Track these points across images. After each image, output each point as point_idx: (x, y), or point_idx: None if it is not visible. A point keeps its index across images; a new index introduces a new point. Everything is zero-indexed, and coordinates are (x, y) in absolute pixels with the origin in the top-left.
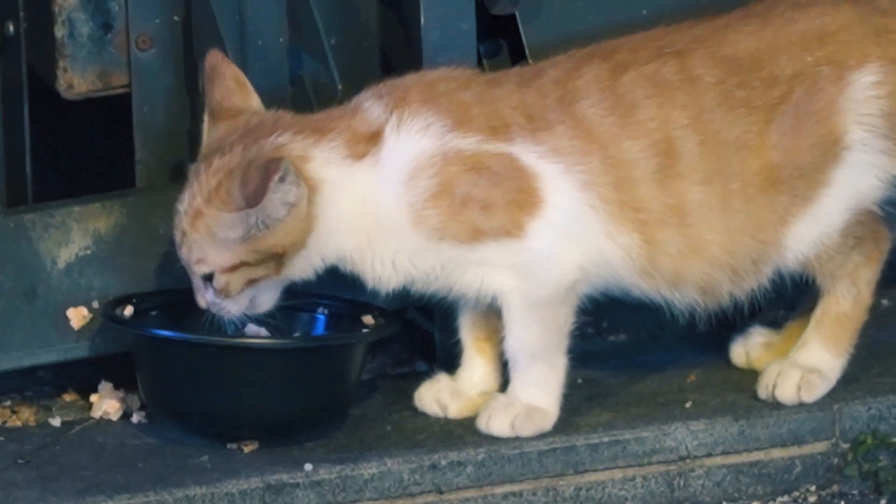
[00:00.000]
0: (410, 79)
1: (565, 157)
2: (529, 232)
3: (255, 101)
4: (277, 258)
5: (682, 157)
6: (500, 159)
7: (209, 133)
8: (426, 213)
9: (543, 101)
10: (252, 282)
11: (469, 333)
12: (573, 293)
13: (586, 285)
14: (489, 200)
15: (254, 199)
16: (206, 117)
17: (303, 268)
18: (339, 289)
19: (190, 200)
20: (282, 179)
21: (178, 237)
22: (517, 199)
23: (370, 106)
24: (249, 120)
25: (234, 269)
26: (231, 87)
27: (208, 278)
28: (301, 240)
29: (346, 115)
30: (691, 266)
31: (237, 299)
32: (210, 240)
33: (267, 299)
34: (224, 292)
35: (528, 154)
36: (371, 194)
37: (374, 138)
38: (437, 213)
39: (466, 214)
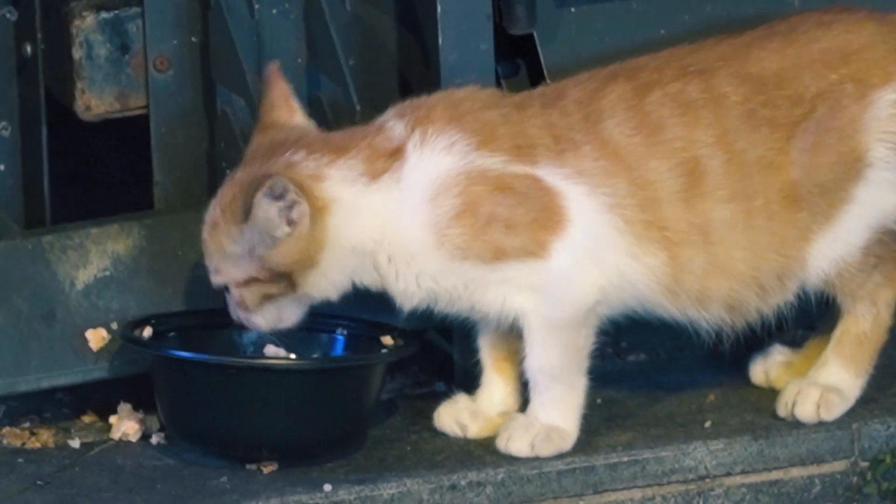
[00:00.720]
0: (436, 97)
1: (590, 178)
2: (552, 252)
3: (297, 118)
4: (287, 277)
5: (707, 176)
6: (525, 180)
7: (250, 143)
8: (450, 231)
9: (568, 120)
10: (268, 297)
11: (488, 354)
12: (593, 315)
13: (606, 307)
14: (513, 220)
15: (243, 214)
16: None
17: (322, 286)
18: (358, 310)
19: (212, 210)
20: (275, 197)
21: (202, 244)
22: (540, 219)
23: (393, 124)
24: (276, 135)
25: (246, 283)
26: (275, 101)
27: (226, 289)
28: (309, 258)
29: (368, 135)
30: (717, 284)
31: (263, 313)
32: (222, 251)
33: (290, 315)
34: (242, 305)
35: (552, 176)
36: (391, 212)
37: (394, 155)
38: (461, 232)
39: (490, 234)
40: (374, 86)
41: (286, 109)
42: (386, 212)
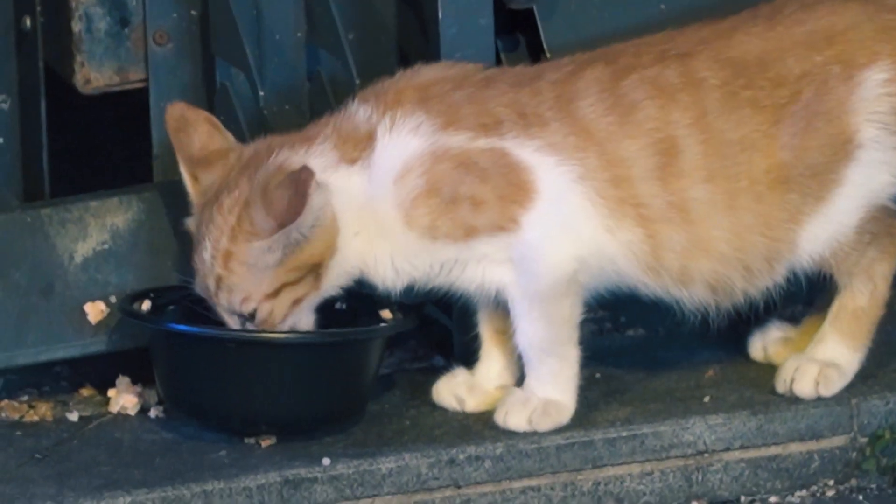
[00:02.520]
0: (403, 79)
1: (559, 151)
2: (523, 225)
3: (231, 137)
4: (315, 270)
5: (683, 155)
6: (490, 155)
7: (196, 181)
8: (416, 212)
9: (537, 99)
10: (296, 302)
11: (486, 327)
12: (575, 285)
13: (588, 277)
14: (479, 196)
15: (291, 214)
16: (184, 169)
17: (338, 275)
18: (356, 284)
19: (214, 246)
20: (316, 185)
21: (211, 287)
22: (509, 194)
23: (357, 110)
24: (242, 153)
25: (276, 293)
26: (209, 130)
27: (251, 316)
28: (333, 244)
29: (330, 122)
30: (698, 263)
31: (286, 325)
32: (247, 274)
33: (306, 321)
34: (269, 322)
35: (520, 148)
36: (366, 196)
37: (364, 141)
38: (427, 211)
39: (457, 212)
40: (374, 60)
41: (220, 134)
42: (362, 195)
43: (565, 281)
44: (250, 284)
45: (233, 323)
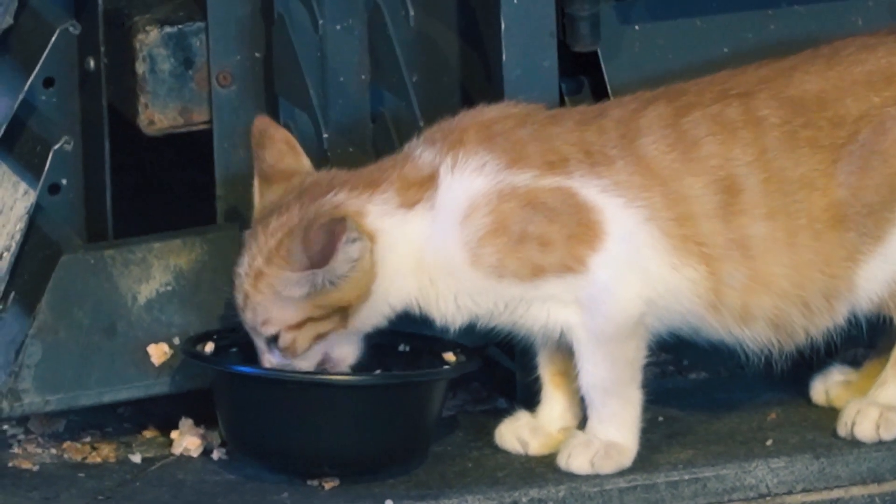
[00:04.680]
0: (467, 118)
1: (626, 191)
2: (591, 266)
3: (305, 162)
4: (343, 311)
5: (744, 193)
6: (558, 194)
7: (262, 195)
8: (482, 251)
9: (603, 138)
10: (320, 337)
11: (547, 369)
12: (641, 327)
13: (655, 319)
14: (547, 236)
15: (321, 259)
16: (256, 181)
17: (371, 317)
18: (419, 326)
19: (250, 262)
20: (349, 239)
21: (240, 301)
22: (577, 234)
23: (422, 152)
24: (304, 180)
25: (300, 325)
26: (282, 149)
27: (274, 339)
28: (365, 291)
29: (396, 165)
30: (759, 299)
31: (307, 356)
32: (274, 299)
33: (345, 353)
34: (291, 350)
35: (587, 188)
36: (428, 237)
37: (427, 183)
38: (494, 250)
39: (524, 251)
40: (438, 101)
41: (295, 156)
42: (423, 237)
43: (633, 322)
44: (274, 310)
45: (258, 343)
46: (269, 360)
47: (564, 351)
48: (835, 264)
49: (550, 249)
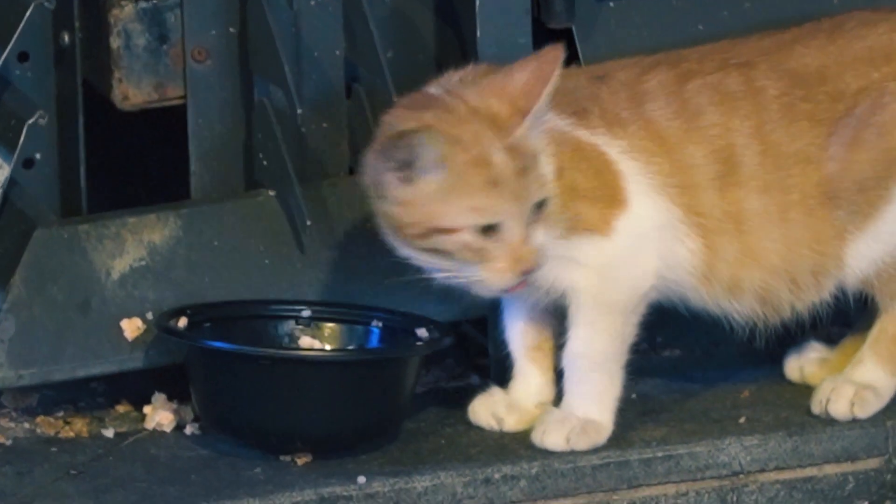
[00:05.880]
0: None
1: (639, 155)
2: (615, 230)
3: None
4: None
5: (741, 165)
6: (591, 148)
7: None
8: None
9: (614, 98)
10: None
11: (520, 343)
12: (644, 300)
13: (656, 292)
14: (591, 192)
15: None
16: None
17: None
18: (393, 302)
19: None
20: None
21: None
22: (608, 194)
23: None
24: None
25: None
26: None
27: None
28: None
29: None
30: (749, 273)
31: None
32: None
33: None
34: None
35: (609, 147)
36: None
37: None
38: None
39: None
40: (412, 78)
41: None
42: None
43: (641, 294)
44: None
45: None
46: (530, 245)
47: (540, 324)
48: (825, 242)
49: (591, 206)
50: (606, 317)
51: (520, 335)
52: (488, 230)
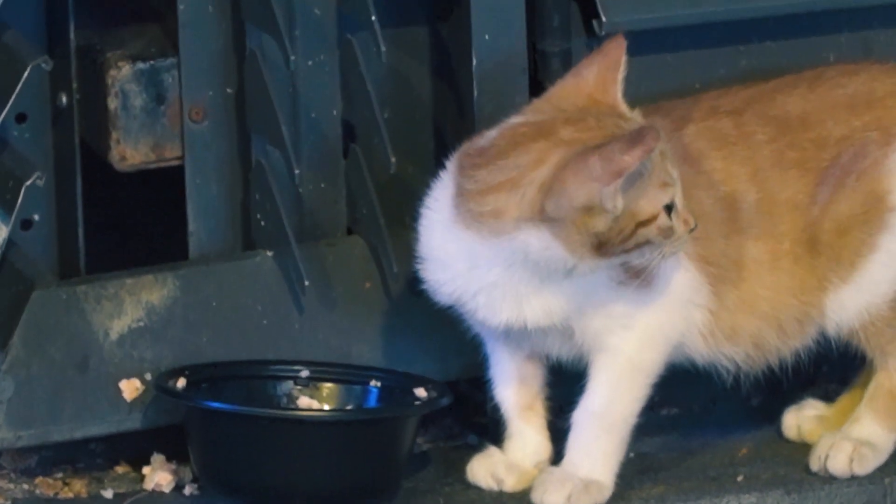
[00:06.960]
0: None
1: None
2: (658, 285)
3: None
4: None
5: (742, 211)
6: None
7: None
8: None
9: None
10: None
11: (513, 403)
12: (664, 360)
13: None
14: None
15: None
16: None
17: None
18: (391, 361)
19: None
20: None
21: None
22: None
23: None
24: None
25: None
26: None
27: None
28: None
29: None
30: (746, 321)
31: None
32: None
33: None
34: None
35: None
36: None
37: None
38: None
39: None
40: (409, 137)
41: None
42: None
43: (665, 353)
44: None
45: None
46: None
47: (530, 383)
48: (808, 292)
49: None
50: (633, 377)
51: (512, 395)
52: (669, 209)
